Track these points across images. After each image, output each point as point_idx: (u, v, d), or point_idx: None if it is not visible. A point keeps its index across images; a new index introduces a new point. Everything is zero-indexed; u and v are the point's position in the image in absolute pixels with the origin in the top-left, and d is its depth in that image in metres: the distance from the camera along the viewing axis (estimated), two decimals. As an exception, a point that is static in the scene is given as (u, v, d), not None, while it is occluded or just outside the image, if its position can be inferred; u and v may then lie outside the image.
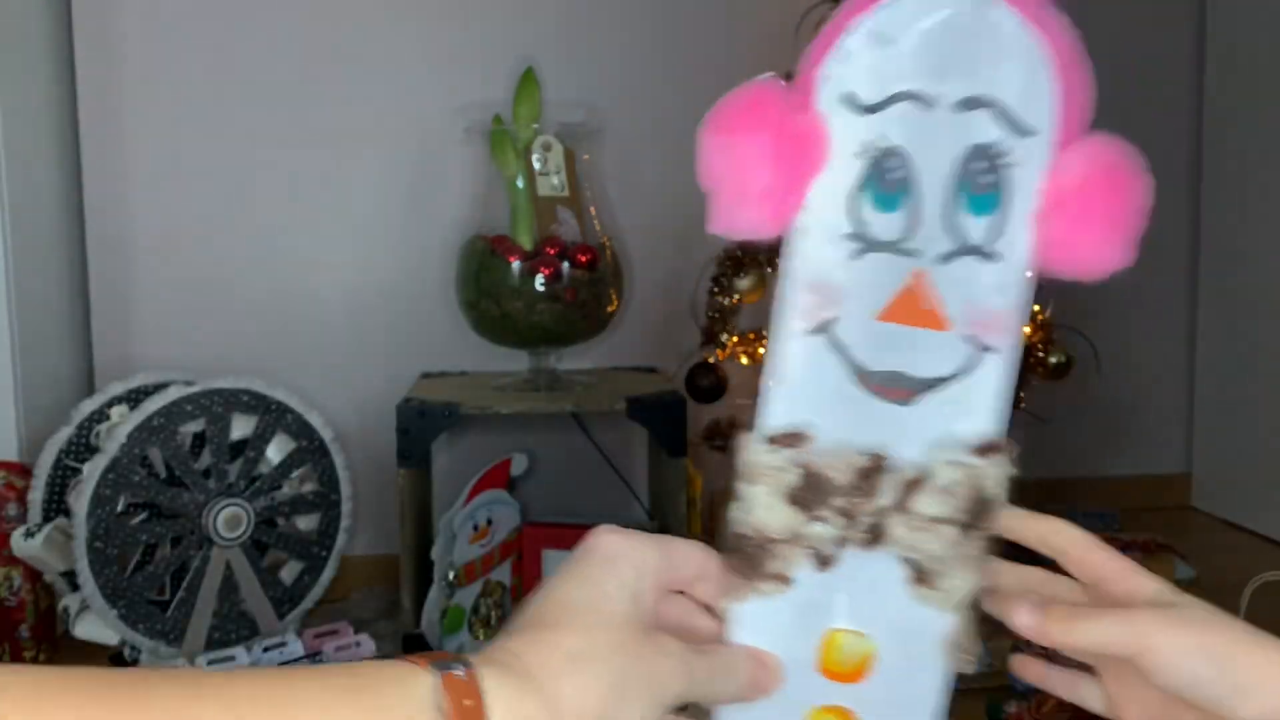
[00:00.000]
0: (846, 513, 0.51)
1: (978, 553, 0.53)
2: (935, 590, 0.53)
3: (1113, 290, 2.40)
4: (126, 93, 2.45)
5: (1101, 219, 0.51)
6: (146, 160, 2.47)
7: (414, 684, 0.45)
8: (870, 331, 0.51)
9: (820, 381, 0.51)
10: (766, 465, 0.51)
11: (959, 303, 0.51)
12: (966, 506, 0.51)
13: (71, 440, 2.13)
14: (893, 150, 0.49)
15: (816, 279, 0.51)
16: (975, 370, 0.51)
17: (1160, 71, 3.05)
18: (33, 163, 2.31)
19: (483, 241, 2.19)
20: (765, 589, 0.53)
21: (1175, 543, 2.27)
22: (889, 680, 0.55)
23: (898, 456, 0.51)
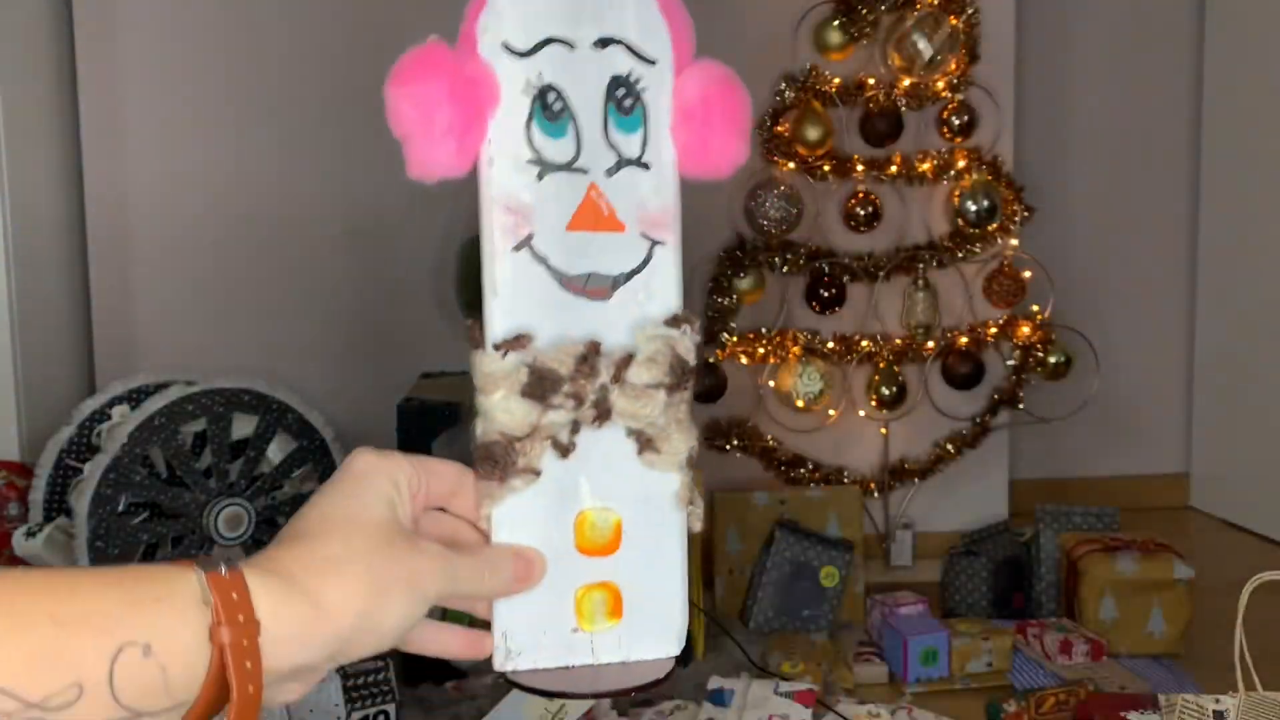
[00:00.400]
0: (575, 396, 0.59)
1: (687, 416, 0.61)
2: (660, 454, 0.61)
3: (1112, 291, 2.40)
4: (127, 94, 2.45)
5: (720, 122, 0.61)
6: (147, 161, 2.47)
7: (182, 580, 0.48)
8: (563, 241, 0.60)
9: (531, 291, 0.59)
10: (499, 371, 0.58)
11: (629, 207, 0.60)
12: (668, 370, 0.60)
13: (73, 440, 2.14)
14: (549, 86, 0.59)
15: (510, 201, 0.59)
16: (652, 261, 0.61)
17: (1160, 71, 3.05)
18: (34, 163, 2.31)
19: (483, 242, 2.20)
20: (517, 485, 0.59)
21: (1174, 543, 2.27)
22: (638, 545, 0.62)
23: (607, 343, 0.60)
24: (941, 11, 2.42)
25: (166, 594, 0.47)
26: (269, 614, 0.49)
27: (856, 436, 2.60)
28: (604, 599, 0.62)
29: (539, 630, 0.61)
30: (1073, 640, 2.11)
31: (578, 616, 0.62)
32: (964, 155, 2.49)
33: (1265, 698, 1.33)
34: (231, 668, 0.47)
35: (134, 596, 0.47)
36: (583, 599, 0.61)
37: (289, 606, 0.50)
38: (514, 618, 0.61)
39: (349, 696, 1.82)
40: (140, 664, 0.46)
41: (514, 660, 0.61)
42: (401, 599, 0.53)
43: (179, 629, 0.47)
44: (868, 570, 2.43)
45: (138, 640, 0.46)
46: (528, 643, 0.61)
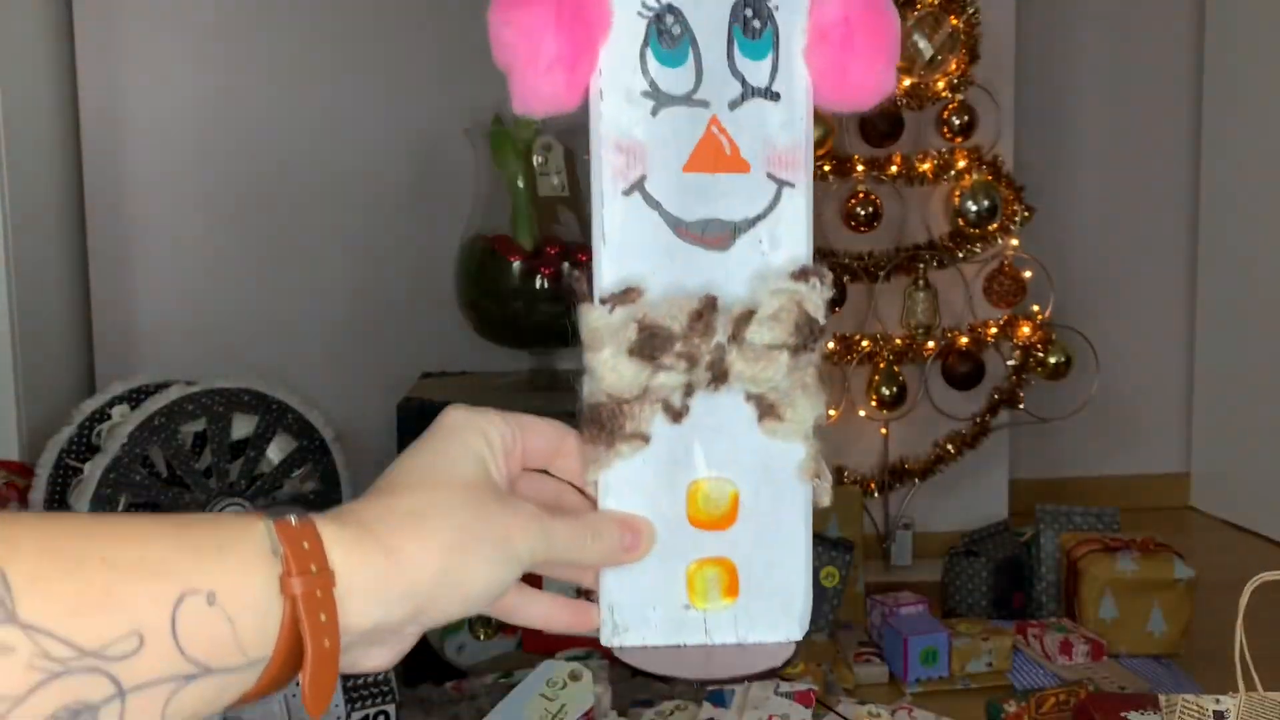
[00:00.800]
0: (688, 356, 0.54)
1: (814, 381, 0.56)
2: (783, 422, 0.56)
3: (1113, 291, 2.41)
4: (128, 92, 2.45)
5: (862, 46, 0.54)
6: (147, 160, 2.47)
7: (249, 528, 0.45)
8: (680, 184, 0.54)
9: (642, 238, 0.54)
10: (606, 327, 0.54)
11: (754, 144, 0.55)
12: (793, 329, 0.54)
13: (73, 439, 2.13)
14: (668, 7, 0.53)
15: (621, 139, 0.54)
16: (779, 206, 0.55)
17: (1160, 71, 3.05)
18: (33, 161, 2.31)
19: (483, 241, 2.20)
20: (625, 451, 0.55)
21: (1174, 543, 2.27)
22: (756, 520, 0.57)
23: (725, 297, 0.54)
24: (941, 11, 2.42)
25: (231, 542, 0.45)
26: (343, 564, 0.46)
27: (856, 436, 2.60)
28: (718, 576, 0.57)
29: (648, 605, 0.57)
30: (1073, 640, 2.11)
31: (690, 593, 0.57)
32: (964, 155, 2.49)
33: (1266, 698, 1.32)
34: (305, 620, 0.44)
35: (196, 543, 0.44)
36: (695, 575, 0.57)
37: (365, 557, 0.47)
38: (622, 591, 0.57)
39: (349, 697, 1.82)
40: (205, 613, 0.42)
41: (621, 636, 0.57)
42: (489, 557, 0.50)
43: (246, 578, 0.44)
44: (867, 570, 2.43)
45: (201, 588, 0.43)
46: (635, 618, 0.57)
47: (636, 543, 0.56)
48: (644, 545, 0.56)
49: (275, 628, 0.44)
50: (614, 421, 0.55)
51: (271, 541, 0.45)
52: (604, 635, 0.57)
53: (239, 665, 0.44)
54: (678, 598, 0.57)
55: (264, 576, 0.44)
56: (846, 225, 2.53)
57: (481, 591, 0.50)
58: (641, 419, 0.55)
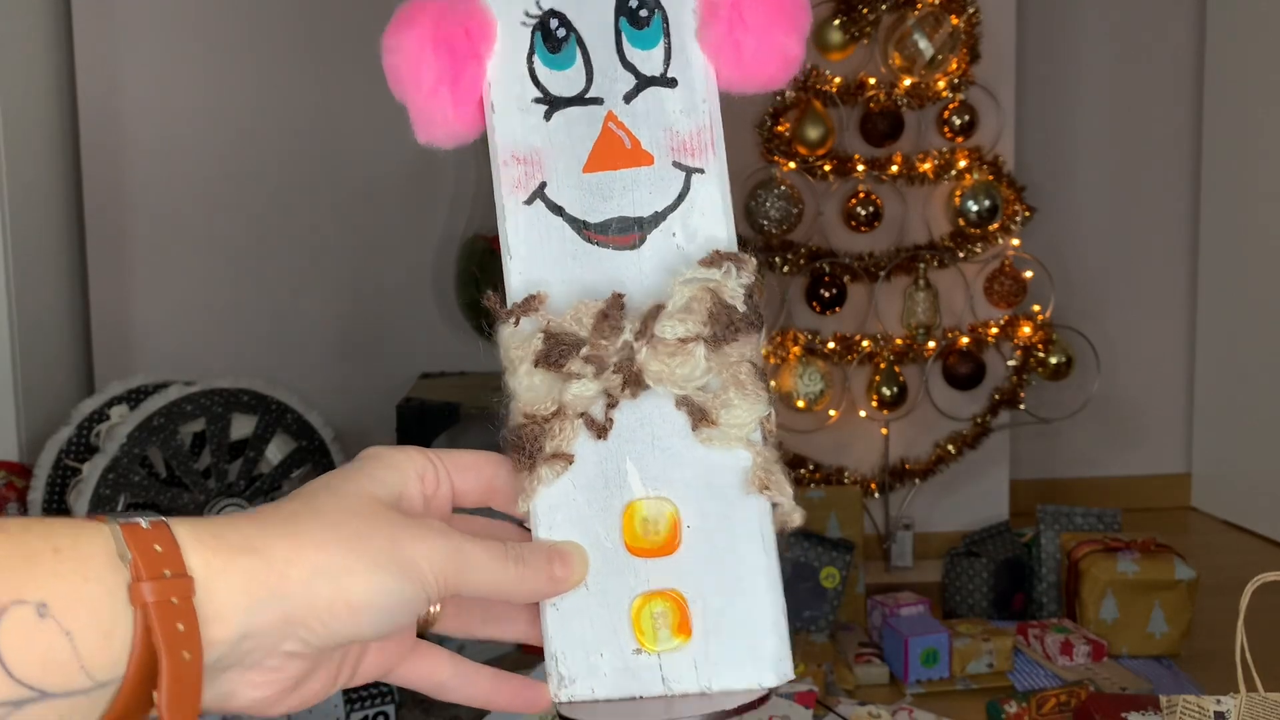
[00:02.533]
0: (596, 360, 0.50)
1: (750, 377, 0.50)
2: (717, 426, 0.50)
3: (1113, 291, 2.40)
4: (127, 93, 2.45)
5: (754, 18, 0.50)
6: (145, 161, 2.47)
7: (91, 530, 0.40)
8: (581, 185, 0.52)
9: (547, 246, 0.52)
10: (513, 340, 0.51)
11: (655, 134, 0.52)
12: (708, 319, 0.50)
13: (71, 440, 2.13)
14: (550, 11, 0.52)
15: (518, 149, 0.52)
16: (690, 195, 0.52)
17: (1161, 71, 3.05)
18: (33, 163, 2.31)
19: (483, 241, 2.19)
20: (547, 474, 0.51)
21: (1175, 543, 2.27)
22: (704, 543, 0.51)
23: (639, 297, 0.51)
24: (942, 11, 2.42)
25: (69, 545, 0.39)
26: (202, 568, 0.40)
27: (857, 437, 2.60)
28: (666, 611, 0.51)
29: (594, 650, 0.51)
30: (1073, 641, 2.11)
31: (636, 633, 0.51)
32: (965, 155, 2.48)
33: (1266, 698, 1.32)
34: (159, 631, 0.39)
35: (25, 548, 0.38)
36: (640, 611, 0.51)
37: (228, 559, 0.41)
38: (564, 636, 0.51)
39: (348, 697, 1.82)
40: (36, 627, 0.37)
41: (568, 689, 0.51)
42: (375, 562, 0.44)
43: (86, 585, 0.38)
44: (868, 571, 2.42)
45: (29, 598, 0.37)
46: (582, 667, 0.51)
47: (567, 571, 0.50)
48: (575, 573, 0.50)
49: (126, 642, 0.39)
50: (534, 443, 0.51)
51: (118, 545, 0.40)
52: (551, 688, 0.51)
53: (84, 688, 0.38)
54: (625, 640, 0.51)
55: (109, 584, 0.39)
56: (847, 225, 2.53)
57: (369, 602, 0.44)
58: (563, 437, 0.51)
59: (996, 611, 2.32)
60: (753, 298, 0.51)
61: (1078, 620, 2.21)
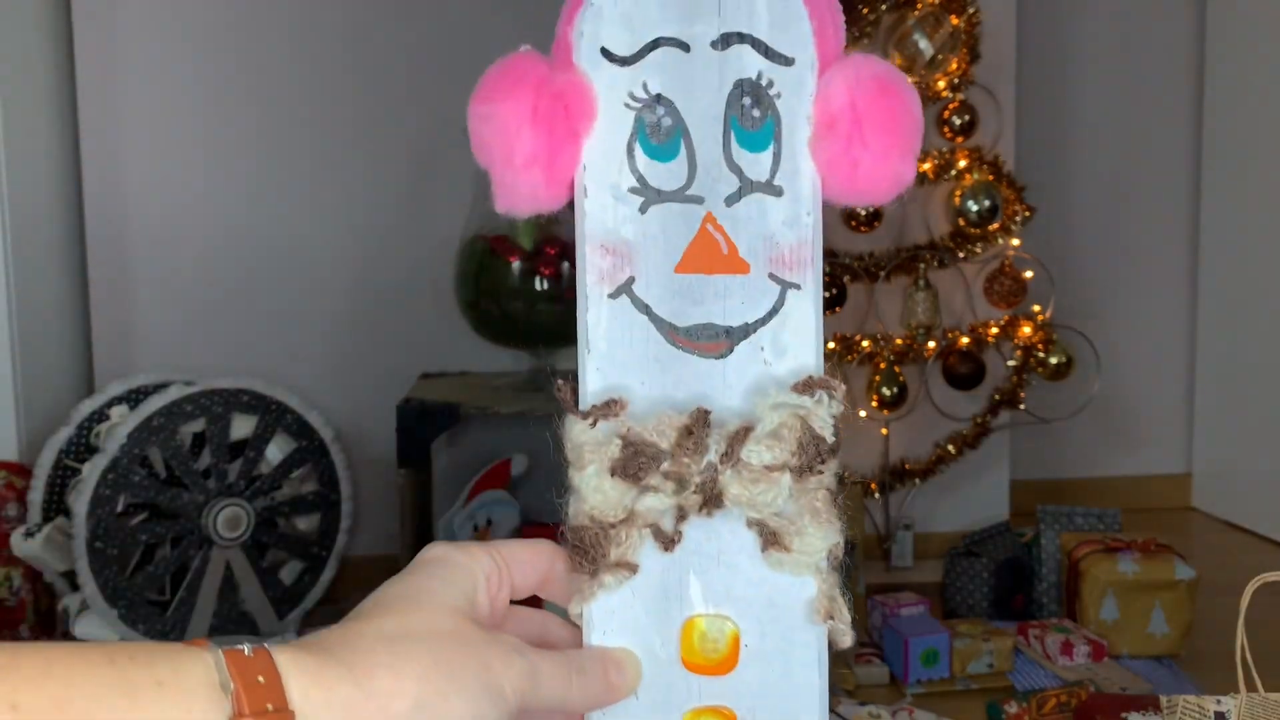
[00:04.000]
0: (677, 477, 0.49)
1: (826, 506, 0.49)
2: (789, 553, 0.50)
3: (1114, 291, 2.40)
4: (126, 94, 2.45)
5: (874, 136, 0.49)
6: (146, 161, 2.47)
7: (193, 659, 0.40)
8: (672, 286, 0.50)
9: (630, 345, 0.50)
10: (589, 442, 0.49)
11: (754, 243, 0.50)
12: (797, 449, 0.48)
13: (71, 440, 2.13)
14: (658, 97, 0.49)
15: (608, 239, 0.50)
16: (783, 310, 0.50)
17: (1161, 71, 3.04)
18: (33, 163, 2.31)
19: (483, 241, 2.19)
20: (610, 581, 0.50)
21: (1175, 543, 2.27)
22: (761, 665, 0.50)
23: (721, 410, 0.49)
24: (942, 11, 2.42)
25: (172, 677, 0.39)
26: (304, 700, 0.41)
27: (857, 437, 2.60)
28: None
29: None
30: (1074, 641, 2.11)
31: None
32: (965, 155, 2.48)
33: (1267, 699, 1.32)
34: None
35: (128, 680, 0.38)
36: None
37: (329, 690, 0.41)
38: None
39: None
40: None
41: None
42: (471, 691, 0.44)
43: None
44: (868, 571, 2.42)
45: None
46: None
47: (621, 681, 0.50)
48: (629, 684, 0.50)
49: None
50: (598, 548, 0.50)
51: (220, 675, 0.40)
52: None
53: None
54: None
55: (211, 717, 0.39)
56: (847, 225, 2.53)
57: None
58: (628, 546, 0.50)
59: (997, 612, 2.32)
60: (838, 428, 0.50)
61: (1078, 620, 2.21)
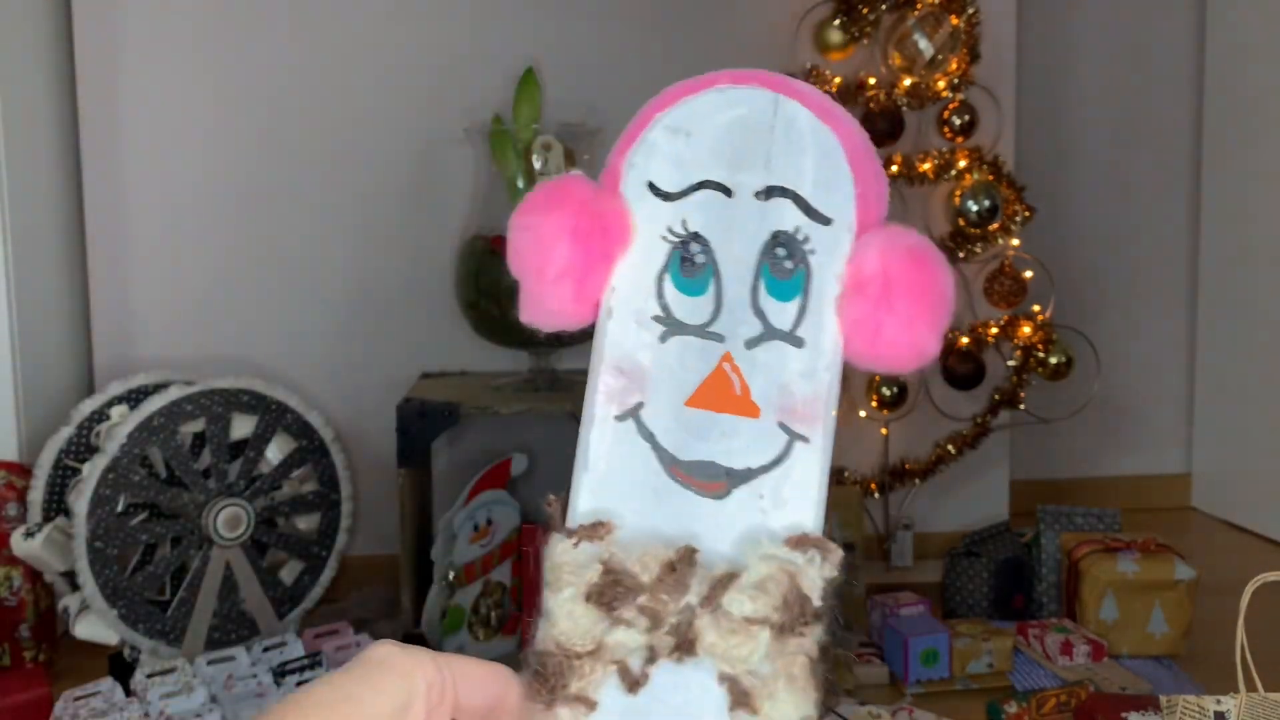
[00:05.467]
0: (652, 613, 0.47)
1: (803, 673, 0.47)
2: (757, 716, 0.47)
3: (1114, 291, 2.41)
4: (126, 93, 2.45)
5: (901, 304, 0.49)
6: (146, 161, 2.47)
7: None
8: (680, 418, 0.49)
9: (629, 471, 0.49)
10: (570, 563, 0.48)
11: (768, 389, 0.49)
12: (781, 605, 0.46)
13: (71, 440, 2.13)
14: (695, 235, 0.50)
15: (624, 362, 0.50)
16: (787, 461, 0.49)
17: (1161, 71, 3.05)
18: (32, 163, 2.31)
19: (483, 241, 2.19)
20: (565, 716, 0.47)
21: (1175, 543, 2.27)
22: None
23: (709, 553, 0.48)
24: (942, 11, 2.42)
25: None
26: None
27: (857, 437, 2.60)
28: None
29: None
30: (1074, 641, 2.11)
31: None
32: (965, 155, 2.48)
33: (1267, 699, 1.32)
34: None
35: None
36: None
37: None
38: None
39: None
40: None
41: None
42: None
43: None
44: (868, 571, 2.42)
45: None
46: None
47: None
48: None
49: None
50: (559, 678, 0.47)
51: None
52: None
53: None
54: None
55: None
56: (847, 225, 2.52)
57: None
58: (591, 680, 0.47)
59: (996, 611, 2.32)
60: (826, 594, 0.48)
61: (1078, 620, 2.21)
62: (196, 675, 1.86)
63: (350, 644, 2.04)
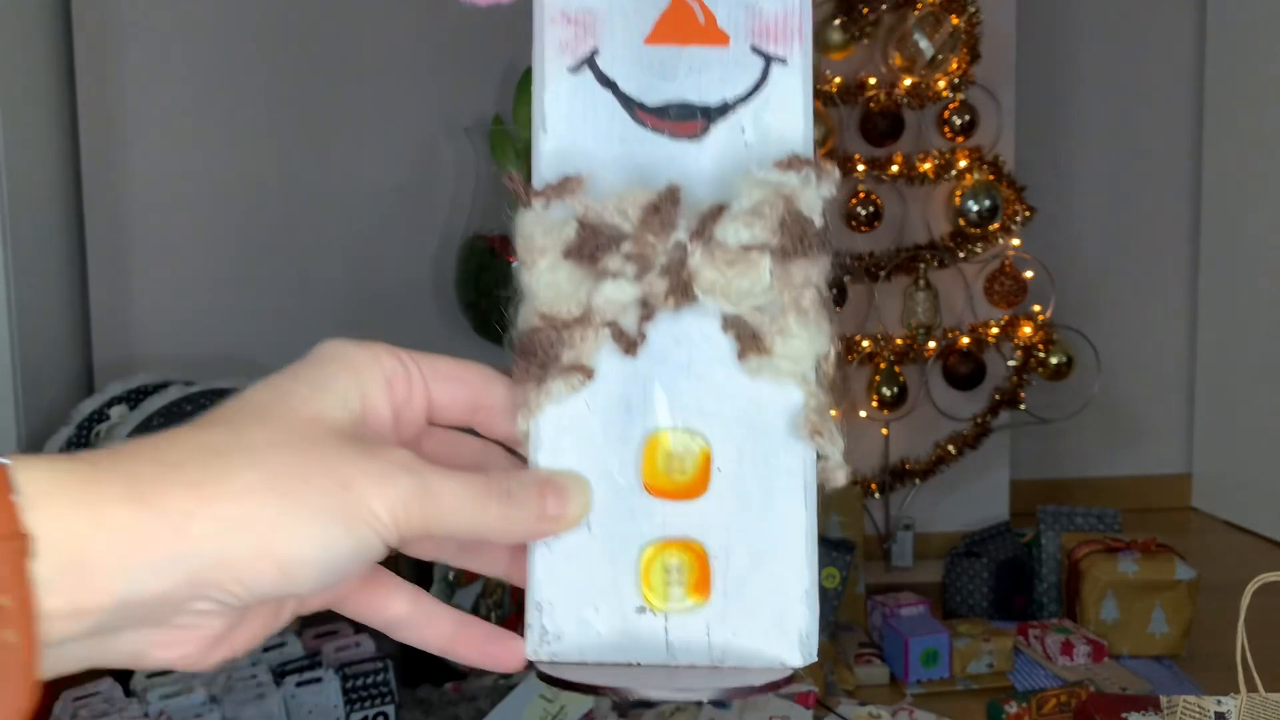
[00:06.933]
0: (639, 258, 0.42)
1: (814, 305, 0.43)
2: (770, 356, 0.42)
3: (1114, 291, 2.40)
4: (126, 93, 2.45)
5: None
6: (146, 161, 2.47)
7: None
8: (641, 59, 0.44)
9: (593, 125, 0.44)
10: (541, 227, 0.43)
11: (734, 11, 0.44)
12: (778, 228, 0.42)
13: (71, 440, 2.13)
14: None
15: (570, 6, 0.44)
16: (766, 86, 0.44)
17: (1162, 71, 3.04)
18: (32, 163, 2.31)
19: (482, 241, 2.19)
20: (560, 389, 0.42)
21: (1176, 543, 2.27)
22: (737, 490, 0.43)
23: (693, 198, 0.43)
24: (943, 10, 2.42)
25: None
26: (52, 521, 0.32)
27: (857, 437, 2.59)
28: (682, 565, 0.43)
29: (588, 603, 0.43)
30: (1074, 641, 2.11)
31: (644, 587, 0.43)
32: (965, 155, 2.48)
33: (1267, 699, 1.32)
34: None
35: None
36: (651, 562, 0.43)
37: (98, 511, 0.33)
38: (553, 584, 0.43)
39: (348, 698, 1.82)
40: None
41: (551, 645, 0.43)
42: (313, 512, 0.35)
43: None
44: (868, 571, 2.42)
45: None
46: (572, 622, 0.43)
47: (562, 508, 0.41)
48: (572, 511, 0.42)
49: None
50: (548, 350, 0.42)
51: None
52: (529, 644, 0.43)
53: None
54: (628, 595, 0.43)
55: None
56: (847, 225, 2.53)
57: (304, 559, 0.35)
58: (584, 348, 0.43)
59: (997, 612, 2.32)
60: (825, 215, 0.43)
61: (1078, 620, 2.20)
62: (196, 675, 1.86)
63: (350, 643, 2.04)
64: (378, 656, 1.94)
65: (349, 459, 0.37)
